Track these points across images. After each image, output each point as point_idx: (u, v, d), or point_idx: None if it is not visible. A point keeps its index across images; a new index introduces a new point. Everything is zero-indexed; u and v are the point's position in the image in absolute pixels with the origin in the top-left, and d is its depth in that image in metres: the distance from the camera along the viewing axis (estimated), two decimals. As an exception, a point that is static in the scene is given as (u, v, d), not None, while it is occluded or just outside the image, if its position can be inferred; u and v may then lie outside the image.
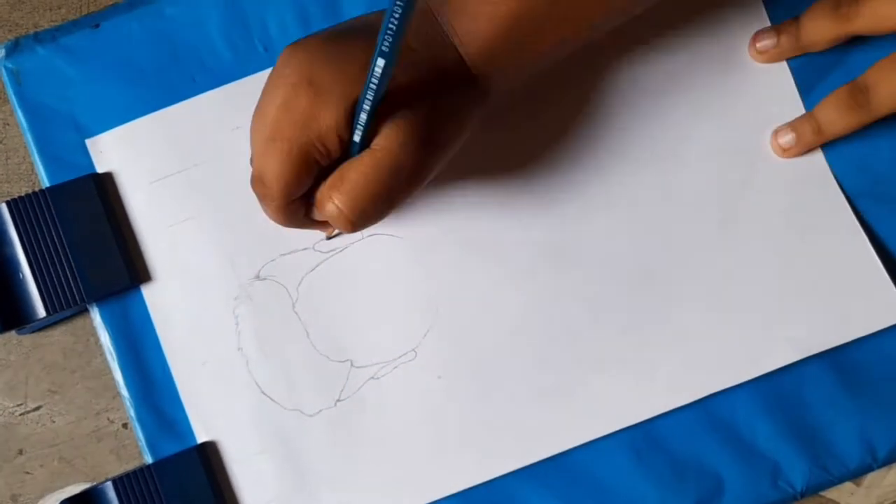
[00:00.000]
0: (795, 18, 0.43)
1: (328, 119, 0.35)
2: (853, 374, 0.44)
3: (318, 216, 0.38)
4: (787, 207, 0.45)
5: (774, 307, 0.44)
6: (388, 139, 0.35)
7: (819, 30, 0.42)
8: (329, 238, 0.45)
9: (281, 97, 0.35)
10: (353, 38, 0.36)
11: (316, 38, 0.36)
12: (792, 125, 0.44)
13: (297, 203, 0.38)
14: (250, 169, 0.38)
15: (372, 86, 0.33)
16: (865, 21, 0.40)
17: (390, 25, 0.30)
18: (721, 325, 0.44)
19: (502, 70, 0.38)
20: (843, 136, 0.43)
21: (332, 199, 0.36)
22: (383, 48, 0.31)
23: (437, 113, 0.37)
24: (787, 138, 0.44)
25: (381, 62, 0.32)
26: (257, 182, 0.37)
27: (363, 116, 0.35)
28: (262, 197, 0.38)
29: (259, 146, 0.36)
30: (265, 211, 0.38)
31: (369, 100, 0.34)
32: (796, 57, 0.45)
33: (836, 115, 0.42)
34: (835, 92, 0.42)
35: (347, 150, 0.36)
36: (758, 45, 0.44)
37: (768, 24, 0.45)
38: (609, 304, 0.44)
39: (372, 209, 0.36)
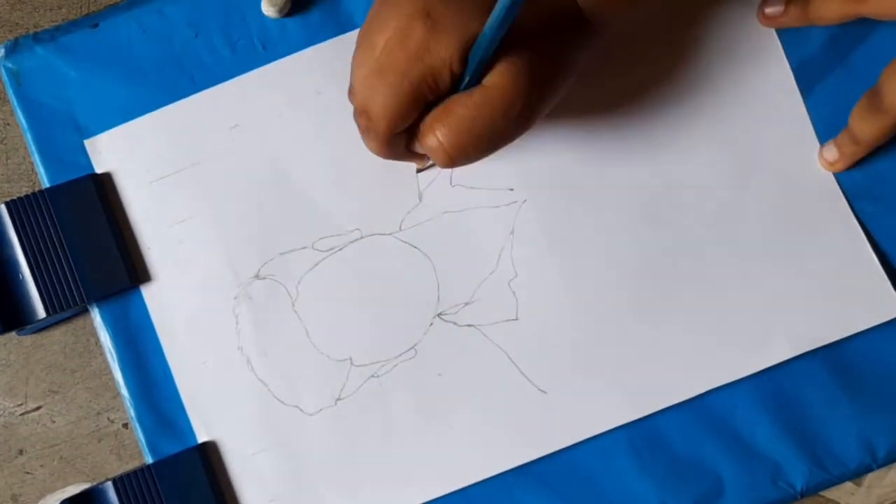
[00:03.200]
0: None
1: (443, 53, 0.34)
2: (853, 374, 0.44)
3: (418, 148, 0.38)
4: (787, 205, 0.44)
5: (772, 303, 0.44)
6: (502, 77, 0.34)
7: (829, 6, 0.41)
8: (419, 171, 0.44)
9: (393, 28, 0.34)
10: None
11: None
12: (835, 140, 0.44)
13: (399, 135, 0.37)
14: (350, 102, 0.37)
15: (497, 23, 0.32)
16: (877, 3, 0.39)
17: None
18: (719, 321, 0.44)
19: (613, 12, 0.37)
20: (880, 142, 0.42)
21: (436, 132, 0.35)
22: None
23: (552, 54, 0.36)
24: (831, 153, 0.44)
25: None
26: (361, 114, 0.36)
27: (482, 53, 0.34)
28: (366, 130, 0.37)
29: (366, 78, 0.35)
30: (366, 143, 0.38)
31: (492, 37, 0.33)
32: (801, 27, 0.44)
33: (862, 123, 0.41)
34: (859, 101, 0.41)
35: (456, 85, 0.36)
36: (766, 10, 0.43)
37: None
38: (607, 301, 0.44)
39: (472, 147, 0.35)
